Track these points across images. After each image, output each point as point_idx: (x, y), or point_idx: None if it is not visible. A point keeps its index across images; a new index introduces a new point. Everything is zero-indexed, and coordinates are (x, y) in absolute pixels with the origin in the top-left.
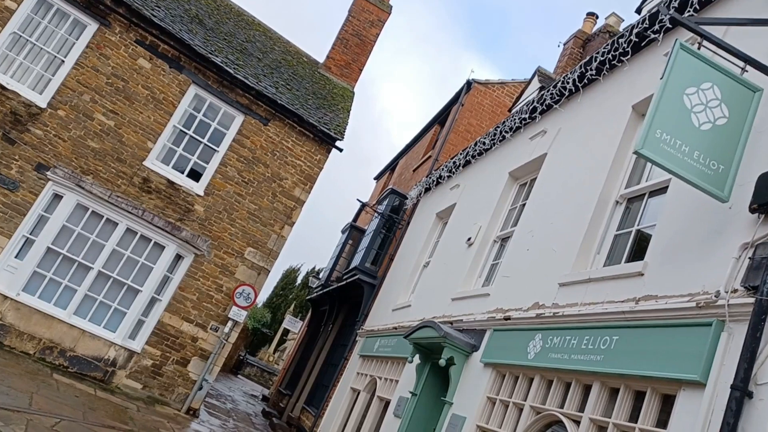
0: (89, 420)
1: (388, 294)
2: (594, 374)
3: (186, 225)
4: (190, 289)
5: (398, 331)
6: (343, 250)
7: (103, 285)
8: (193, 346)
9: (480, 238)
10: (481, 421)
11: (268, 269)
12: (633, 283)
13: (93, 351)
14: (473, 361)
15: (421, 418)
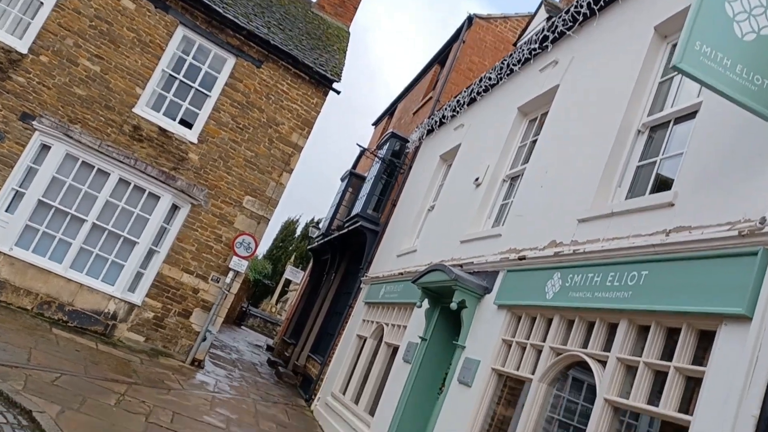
0: (91, 374)
1: (392, 240)
2: (621, 312)
3: (181, 174)
4: (189, 240)
5: (404, 277)
6: (343, 198)
7: (99, 237)
8: (194, 298)
9: (488, 177)
10: (496, 363)
11: (267, 218)
12: (662, 215)
13: (92, 305)
14: (486, 303)
15: (432, 363)
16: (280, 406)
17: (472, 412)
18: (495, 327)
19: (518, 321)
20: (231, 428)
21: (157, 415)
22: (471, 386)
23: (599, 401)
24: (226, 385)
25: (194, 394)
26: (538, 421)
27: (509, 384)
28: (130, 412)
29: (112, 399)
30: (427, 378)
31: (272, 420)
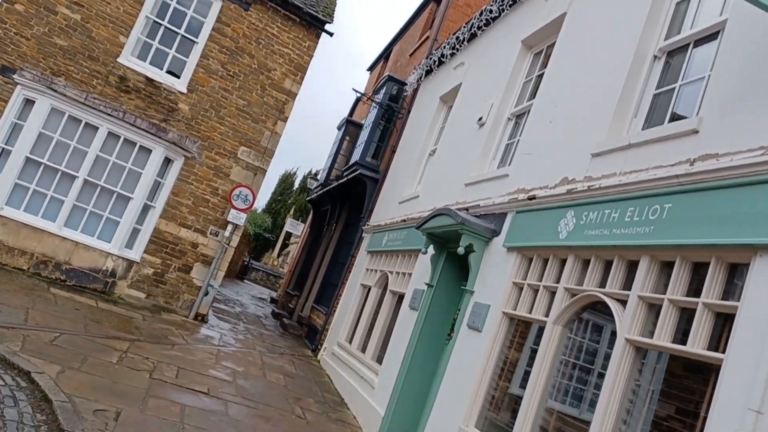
0: (92, 332)
1: (393, 187)
2: (641, 248)
3: (172, 126)
4: (184, 194)
5: (407, 224)
6: (340, 147)
7: (92, 194)
8: (194, 252)
9: (492, 116)
10: (507, 307)
11: (264, 169)
12: (685, 143)
13: (89, 263)
14: (494, 246)
15: (439, 309)
16: (286, 357)
17: (483, 357)
18: (505, 270)
19: (529, 263)
20: (237, 381)
21: (161, 370)
22: (481, 331)
23: (620, 342)
24: (231, 338)
25: (199, 349)
26: (553, 364)
27: (521, 328)
28: (134, 369)
29: (114, 357)
30: (434, 325)
31: (279, 371)
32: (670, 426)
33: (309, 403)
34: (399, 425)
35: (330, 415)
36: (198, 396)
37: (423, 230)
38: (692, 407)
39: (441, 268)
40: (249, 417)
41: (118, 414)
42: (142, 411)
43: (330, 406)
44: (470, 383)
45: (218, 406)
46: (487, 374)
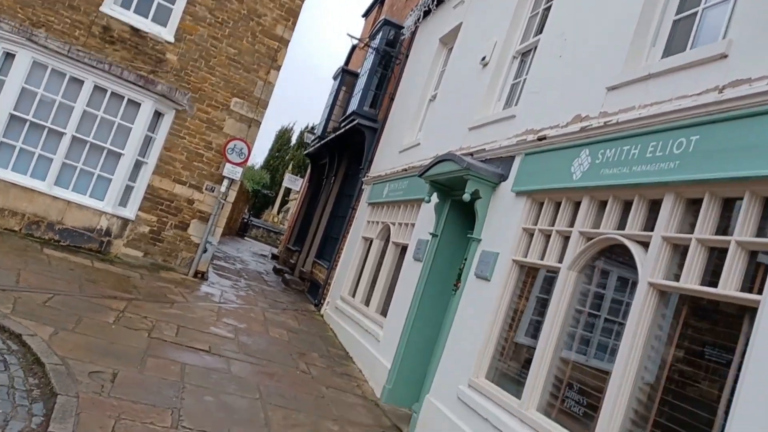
0: (87, 292)
1: (393, 136)
2: (665, 185)
3: (160, 77)
4: (177, 149)
5: (409, 173)
6: (336, 98)
7: (81, 151)
8: (190, 209)
9: (496, 55)
10: (517, 254)
11: (258, 120)
12: (713, 69)
13: (83, 222)
14: (502, 192)
15: (445, 260)
16: (289, 313)
17: (492, 307)
18: (514, 216)
19: (540, 207)
20: (240, 338)
21: (160, 329)
22: (490, 280)
23: (642, 286)
24: (232, 295)
25: (199, 306)
26: (567, 312)
27: (532, 275)
28: (131, 329)
29: (110, 316)
30: (440, 275)
31: (282, 326)
32: (697, 373)
33: (313, 357)
34: (406, 378)
35: (335, 369)
36: (199, 354)
37: (426, 178)
38: (723, 353)
39: (445, 217)
40: (252, 374)
41: (114, 375)
42: (140, 371)
43: (335, 360)
44: (479, 334)
45: (220, 364)
46: (497, 324)
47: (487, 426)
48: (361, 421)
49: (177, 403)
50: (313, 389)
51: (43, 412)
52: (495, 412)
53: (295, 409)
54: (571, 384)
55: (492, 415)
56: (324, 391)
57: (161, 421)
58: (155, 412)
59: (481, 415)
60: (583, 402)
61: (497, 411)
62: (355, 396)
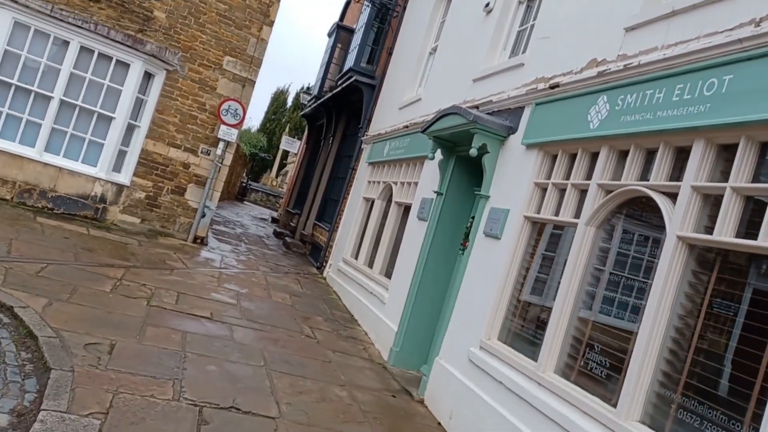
0: (83, 261)
1: (392, 92)
2: (695, 130)
3: (149, 36)
4: (170, 111)
5: (410, 130)
6: (332, 56)
7: (70, 115)
8: (186, 173)
9: (501, 0)
10: (529, 211)
11: (252, 80)
12: (748, 1)
13: (76, 189)
14: (511, 145)
15: (451, 218)
16: (291, 276)
17: (503, 266)
18: (525, 170)
19: (553, 160)
20: (242, 303)
21: (159, 297)
22: (500, 238)
23: (671, 240)
24: (233, 260)
25: (200, 272)
26: (586, 269)
27: (547, 232)
28: (129, 297)
29: (107, 285)
30: (446, 235)
31: (284, 290)
32: (731, 332)
33: (318, 321)
34: (414, 340)
35: (340, 332)
36: (200, 321)
37: (429, 134)
38: (760, 311)
39: (450, 174)
40: (256, 340)
41: (112, 346)
42: (139, 341)
43: (340, 323)
44: (490, 294)
45: (222, 331)
46: (509, 284)
47: (501, 389)
48: (370, 385)
49: (178, 373)
50: (319, 354)
51: (36, 388)
52: (509, 374)
53: (302, 376)
54: (592, 345)
55: (506, 378)
56: (330, 355)
57: (162, 393)
58: (156, 384)
59: (494, 378)
60: (605, 363)
61: (512, 374)
62: (362, 359)
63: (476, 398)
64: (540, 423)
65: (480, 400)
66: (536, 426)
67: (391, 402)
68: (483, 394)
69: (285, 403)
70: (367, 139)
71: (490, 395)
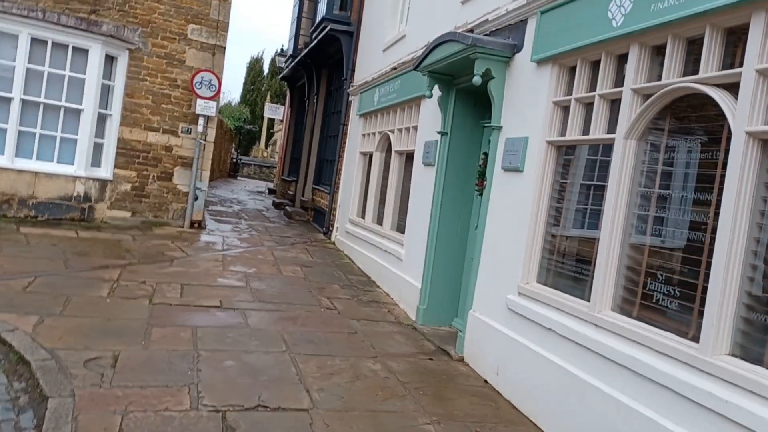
0: (74, 267)
1: (372, 35)
2: (749, 4)
3: (103, 16)
4: (140, 94)
5: (400, 71)
6: (302, 10)
7: (35, 115)
8: (169, 157)
9: None
10: (551, 134)
11: (222, 46)
12: None
13: (57, 192)
14: (519, 65)
15: (461, 158)
16: (298, 247)
17: (531, 202)
18: (539, 90)
19: (572, 73)
20: (252, 284)
21: (162, 293)
22: (522, 171)
23: (739, 138)
24: (235, 239)
25: (202, 258)
26: (632, 190)
27: (576, 155)
28: (129, 298)
29: (104, 289)
30: (458, 177)
31: (294, 263)
32: None
33: (335, 290)
34: (440, 294)
35: (361, 298)
36: (210, 312)
37: (423, 69)
38: None
39: (453, 111)
40: (273, 322)
41: (115, 358)
42: (145, 347)
43: (358, 288)
44: (521, 234)
45: (235, 319)
46: (541, 219)
47: (551, 337)
48: (403, 351)
49: (193, 377)
50: (343, 326)
51: (33, 423)
52: (559, 319)
53: (329, 354)
54: (653, 274)
55: (556, 324)
56: (355, 325)
57: (178, 403)
58: (169, 393)
59: (541, 325)
60: (673, 293)
61: (562, 318)
62: (389, 323)
63: (523, 349)
64: (606, 369)
65: (528, 351)
66: (602, 373)
67: (429, 366)
68: (530, 343)
69: (316, 390)
70: (353, 91)
71: (540, 344)
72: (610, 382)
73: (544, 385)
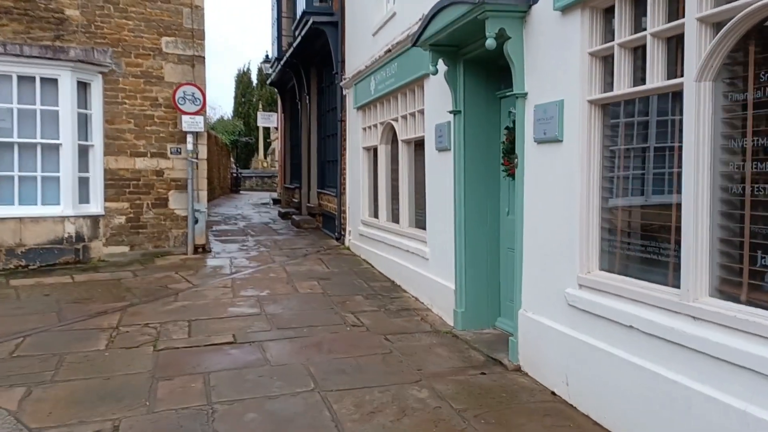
0: (69, 318)
1: (359, 21)
2: None
3: (68, 41)
4: (121, 118)
5: (395, 52)
6: (280, 9)
7: (10, 156)
8: (162, 181)
9: None
10: (593, 92)
11: (201, 56)
12: None
13: (46, 235)
14: (539, 18)
15: (480, 137)
16: (311, 258)
17: (579, 174)
18: (570, 43)
19: (608, 15)
20: (266, 309)
21: (168, 334)
22: (562, 140)
23: None
24: (243, 259)
25: (210, 286)
26: (714, 143)
27: (628, 110)
28: (131, 348)
29: (101, 341)
30: (479, 159)
31: (309, 276)
32: None
33: (358, 302)
34: (478, 293)
35: (388, 307)
36: (223, 351)
37: (424, 43)
38: None
39: (463, 85)
40: (295, 353)
41: (115, 429)
42: (149, 410)
43: (383, 296)
44: (570, 214)
45: (252, 355)
46: (594, 194)
47: (634, 336)
48: (449, 367)
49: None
50: (375, 345)
51: None
52: (639, 313)
53: (364, 385)
54: (762, 244)
55: (638, 319)
56: (388, 343)
57: None
58: None
59: (617, 322)
60: None
61: (643, 311)
62: (426, 334)
63: (597, 353)
64: (718, 372)
65: (604, 354)
66: (713, 377)
67: (483, 383)
68: (606, 345)
69: None
70: (346, 83)
71: (619, 345)
72: (727, 387)
73: (632, 394)
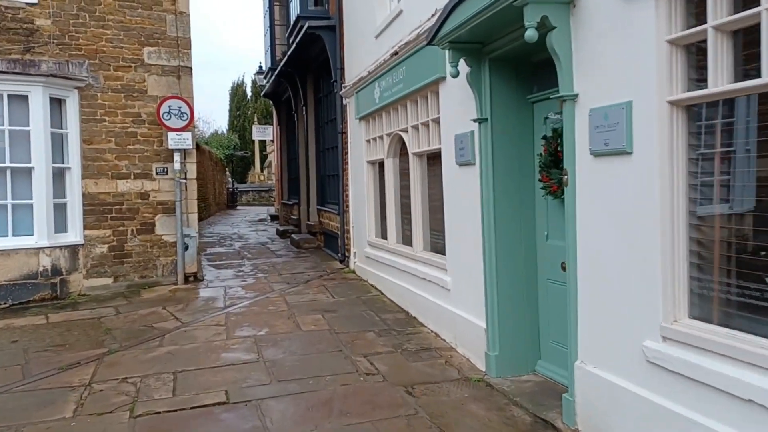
0: (34, 372)
1: (359, 23)
2: None
3: (40, 53)
4: (100, 137)
5: (403, 54)
6: (273, 17)
7: None
8: (147, 205)
9: None
10: (674, 91)
11: (187, 66)
12: None
13: (18, 270)
14: (592, 3)
15: (510, 149)
16: (314, 285)
17: (657, 200)
18: (638, 29)
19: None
20: (264, 353)
21: (148, 393)
22: (631, 152)
23: None
24: (239, 287)
25: (200, 324)
26: None
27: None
28: (103, 413)
29: (69, 405)
30: (511, 174)
31: (313, 309)
32: None
33: (371, 341)
34: (515, 333)
35: (406, 347)
36: (213, 416)
37: (442, 41)
38: None
39: (489, 89)
40: (301, 417)
41: None
42: None
43: (398, 331)
44: (646, 247)
45: (249, 422)
46: (680, 222)
47: (756, 413)
48: (489, 429)
49: None
50: (396, 402)
51: None
52: (754, 381)
53: None
54: None
55: (754, 389)
56: (411, 399)
57: None
58: None
59: (728, 393)
60: None
61: (759, 379)
62: (454, 384)
63: (691, 427)
64: None
65: (702, 429)
66: None
67: None
68: (705, 419)
69: None
70: (346, 92)
71: (725, 420)
72: None
73: None
